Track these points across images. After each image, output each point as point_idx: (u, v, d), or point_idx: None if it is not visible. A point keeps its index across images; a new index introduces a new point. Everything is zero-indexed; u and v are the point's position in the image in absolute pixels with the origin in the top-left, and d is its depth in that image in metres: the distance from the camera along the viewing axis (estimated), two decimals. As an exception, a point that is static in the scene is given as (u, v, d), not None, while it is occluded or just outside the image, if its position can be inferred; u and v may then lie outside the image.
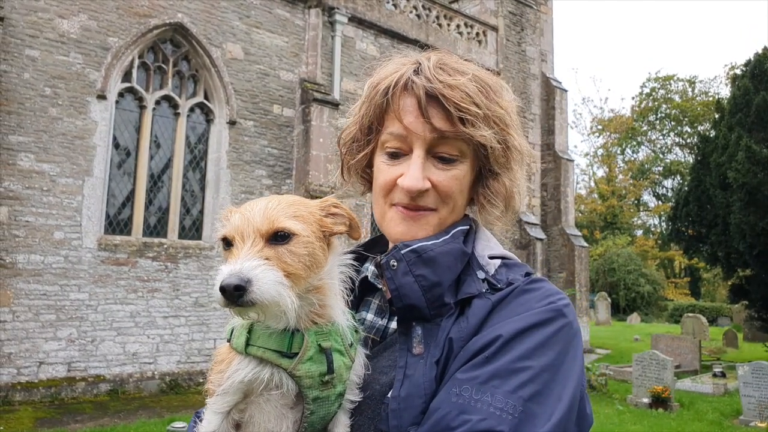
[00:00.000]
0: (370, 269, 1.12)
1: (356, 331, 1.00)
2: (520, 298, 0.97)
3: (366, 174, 1.17)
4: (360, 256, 1.16)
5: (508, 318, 0.94)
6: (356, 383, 0.98)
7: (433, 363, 0.93)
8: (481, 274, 1.02)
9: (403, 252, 1.00)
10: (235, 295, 0.83)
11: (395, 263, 0.99)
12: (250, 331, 0.93)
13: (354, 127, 1.13)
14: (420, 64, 1.05)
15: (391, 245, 1.10)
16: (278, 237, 0.90)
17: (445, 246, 1.01)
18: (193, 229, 10.53)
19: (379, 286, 1.09)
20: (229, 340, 0.96)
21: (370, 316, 1.10)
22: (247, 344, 0.92)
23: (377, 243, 1.21)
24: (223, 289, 0.83)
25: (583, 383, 0.94)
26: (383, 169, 1.07)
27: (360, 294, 1.11)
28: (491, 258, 1.06)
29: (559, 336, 0.92)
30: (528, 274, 1.03)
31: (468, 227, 1.09)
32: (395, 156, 1.06)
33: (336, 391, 0.94)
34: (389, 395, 0.94)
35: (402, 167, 1.04)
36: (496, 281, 1.00)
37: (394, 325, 1.06)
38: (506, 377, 0.87)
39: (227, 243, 0.91)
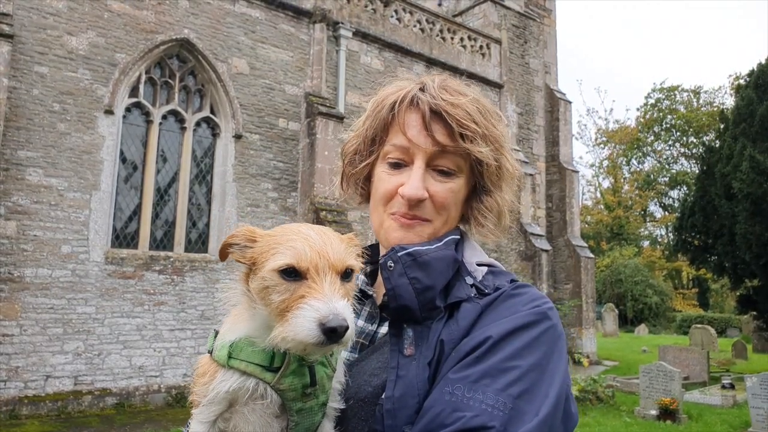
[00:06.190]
0: (359, 277, 1.16)
1: None
2: (507, 302, 1.02)
3: (364, 186, 1.23)
4: None
5: (496, 320, 0.98)
6: (338, 390, 1.00)
7: (425, 364, 0.97)
8: (469, 280, 1.07)
9: (399, 254, 1.04)
10: (341, 335, 0.85)
11: (392, 264, 1.03)
12: (232, 344, 0.94)
13: (357, 139, 1.18)
14: (425, 83, 1.12)
15: (383, 250, 1.16)
16: (345, 274, 0.93)
17: (438, 252, 1.06)
18: (199, 242, 10.58)
19: (370, 293, 1.15)
20: (210, 352, 0.97)
21: (360, 322, 1.14)
22: (230, 357, 0.93)
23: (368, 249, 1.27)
24: (334, 330, 0.83)
25: (569, 383, 0.98)
26: (384, 179, 1.12)
27: None
28: (479, 265, 1.11)
29: (544, 337, 0.97)
30: (513, 281, 1.08)
31: (459, 236, 1.15)
32: (397, 166, 1.11)
33: (319, 402, 0.95)
34: (383, 396, 0.96)
35: (402, 177, 1.10)
36: (484, 287, 1.05)
37: (383, 330, 1.11)
38: (496, 376, 0.91)
39: (292, 273, 0.89)
